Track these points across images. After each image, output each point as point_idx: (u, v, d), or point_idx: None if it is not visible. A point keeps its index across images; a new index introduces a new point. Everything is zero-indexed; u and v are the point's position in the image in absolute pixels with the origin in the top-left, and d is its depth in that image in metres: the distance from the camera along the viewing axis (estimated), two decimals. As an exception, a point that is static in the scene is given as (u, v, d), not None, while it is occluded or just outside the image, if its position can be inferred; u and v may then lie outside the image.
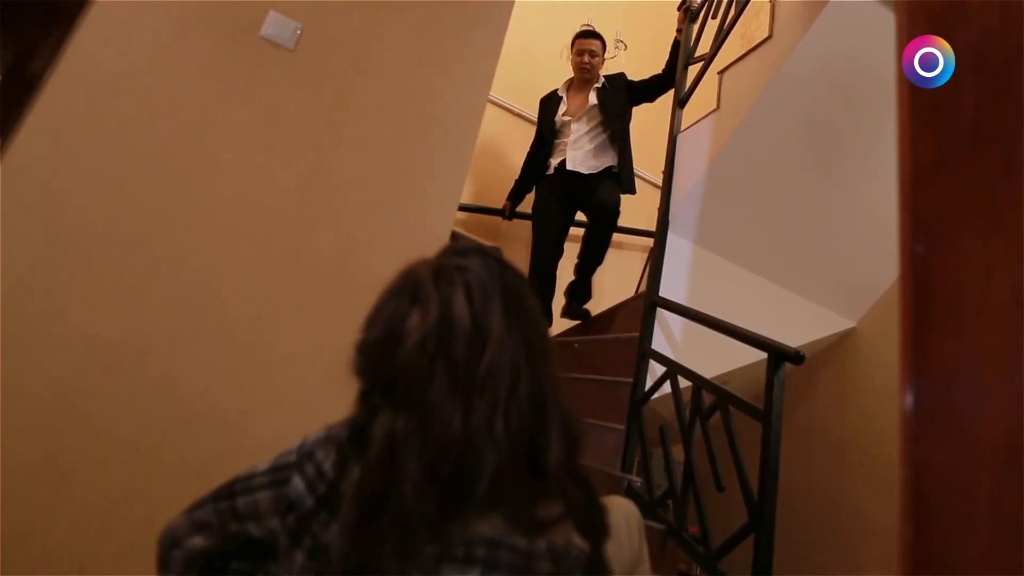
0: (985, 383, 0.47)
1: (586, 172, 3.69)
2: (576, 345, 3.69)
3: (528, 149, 4.04)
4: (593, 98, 3.82)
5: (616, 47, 4.94)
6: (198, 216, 2.05)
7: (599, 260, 3.83)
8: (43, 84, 1.90)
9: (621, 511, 1.57)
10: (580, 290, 3.91)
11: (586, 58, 3.88)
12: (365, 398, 0.86)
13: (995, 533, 0.44)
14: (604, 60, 4.01)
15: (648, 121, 4.85)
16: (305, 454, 0.91)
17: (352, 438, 0.87)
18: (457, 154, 2.33)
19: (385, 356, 0.83)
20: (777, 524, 2.14)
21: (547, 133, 3.88)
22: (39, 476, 1.76)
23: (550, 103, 3.97)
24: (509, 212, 4.04)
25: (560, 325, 4.02)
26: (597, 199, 3.66)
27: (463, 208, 4.02)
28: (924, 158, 0.55)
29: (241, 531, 0.92)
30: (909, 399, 0.50)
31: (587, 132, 3.77)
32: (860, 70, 3.02)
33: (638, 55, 5.01)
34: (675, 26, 4.05)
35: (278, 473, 0.91)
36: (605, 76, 3.93)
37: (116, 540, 1.79)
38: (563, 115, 3.84)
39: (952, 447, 0.48)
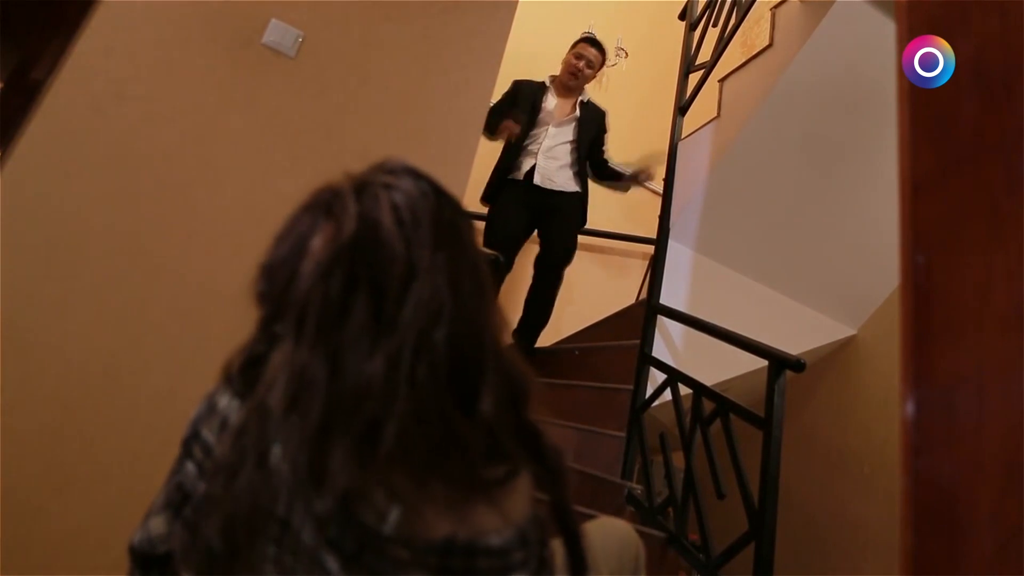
0: (986, 393, 0.47)
1: (553, 188, 3.45)
2: (576, 352, 3.69)
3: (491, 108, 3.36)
4: (578, 110, 3.62)
5: (617, 54, 4.96)
6: (199, 224, 2.05)
7: (548, 311, 3.54)
8: (45, 91, 1.91)
9: (617, 535, 1.45)
10: (536, 328, 3.57)
11: (582, 64, 3.63)
12: (265, 327, 0.75)
13: (996, 543, 0.44)
14: (596, 76, 3.79)
15: (649, 128, 4.86)
16: (192, 435, 0.82)
17: (243, 371, 0.76)
18: (459, 161, 2.33)
19: (290, 278, 0.71)
20: (778, 532, 2.14)
21: (525, 120, 3.47)
22: (38, 486, 1.76)
23: (531, 90, 3.62)
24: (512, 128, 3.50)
25: (558, 333, 4.01)
26: (566, 239, 3.47)
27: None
28: (925, 167, 0.56)
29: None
30: (910, 409, 0.50)
31: (566, 143, 3.53)
32: (860, 78, 3.03)
33: (638, 63, 5.03)
34: (676, 35, 4.06)
35: (174, 466, 0.84)
36: (590, 99, 3.72)
37: (115, 550, 1.78)
38: (548, 112, 3.56)
39: (953, 457, 0.48)
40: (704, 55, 3.63)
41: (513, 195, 3.45)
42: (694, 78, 3.66)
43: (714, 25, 3.59)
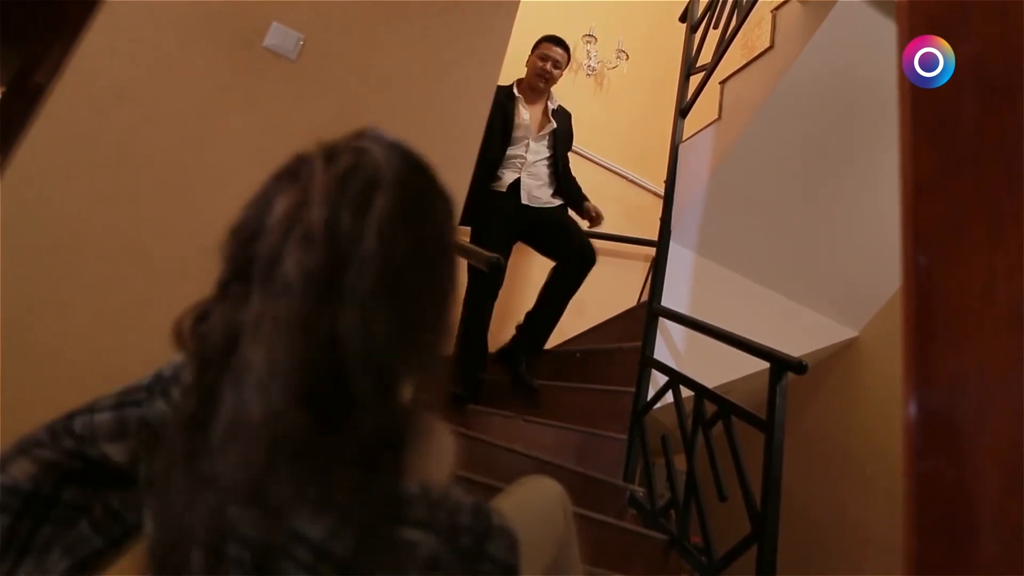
0: (988, 394, 0.47)
1: (540, 207, 3.41)
2: (578, 355, 3.69)
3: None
4: (554, 121, 3.53)
5: (618, 56, 4.96)
6: (200, 225, 2.05)
7: (559, 314, 3.44)
8: (48, 94, 1.91)
9: (547, 493, 1.42)
10: (531, 346, 3.43)
11: (548, 65, 3.49)
12: (221, 287, 0.73)
13: (999, 544, 0.44)
14: (561, 76, 3.63)
15: (649, 131, 4.87)
16: (169, 378, 0.83)
17: (194, 329, 0.75)
18: (461, 163, 2.33)
19: (251, 238, 0.70)
20: (780, 534, 2.14)
21: (497, 133, 3.35)
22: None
23: (501, 100, 3.37)
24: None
25: (559, 335, 4.00)
26: (577, 245, 3.39)
27: (465, 217, 4.02)
28: (926, 167, 0.55)
29: (77, 450, 0.83)
30: (912, 410, 0.50)
31: (544, 159, 3.48)
32: (861, 80, 3.03)
33: (638, 65, 5.03)
34: (677, 37, 4.06)
35: (125, 397, 0.84)
36: (559, 104, 3.64)
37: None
38: (523, 125, 3.46)
39: (955, 458, 0.48)
40: (705, 57, 3.63)
41: (496, 207, 3.34)
42: (695, 80, 3.67)
43: (715, 27, 3.59)
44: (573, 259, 3.38)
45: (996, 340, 0.47)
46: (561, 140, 3.54)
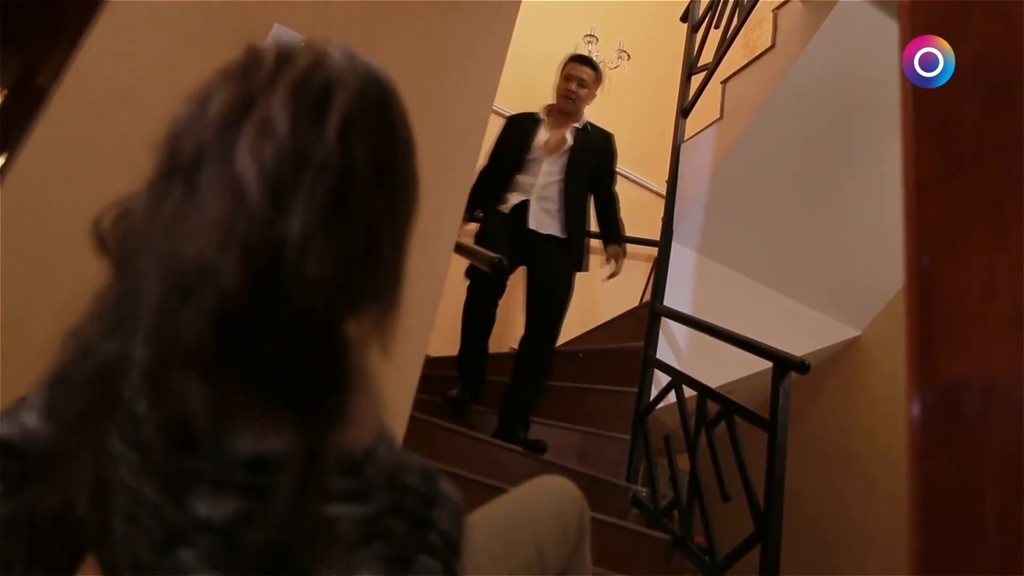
0: (992, 394, 0.47)
1: (545, 232, 3.16)
2: (580, 355, 3.69)
3: (482, 170, 3.25)
4: (570, 138, 3.26)
5: (619, 57, 4.97)
6: (203, 228, 2.05)
7: (547, 364, 3.17)
8: (50, 97, 1.91)
9: (551, 493, 1.25)
10: (519, 413, 3.07)
11: (574, 86, 3.31)
12: (149, 185, 0.65)
13: (1005, 545, 0.44)
14: (594, 96, 3.44)
15: (651, 131, 4.87)
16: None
17: (114, 225, 0.68)
18: (462, 164, 2.33)
19: (183, 134, 0.62)
20: (783, 534, 2.14)
21: (509, 159, 3.26)
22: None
23: (523, 126, 3.36)
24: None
25: (562, 335, 4.00)
26: (547, 307, 3.13)
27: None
28: (927, 167, 0.55)
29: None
30: (916, 410, 0.50)
31: (557, 182, 3.20)
32: (862, 79, 3.03)
33: (640, 65, 5.04)
34: (678, 37, 4.06)
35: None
36: (590, 122, 3.38)
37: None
38: (539, 147, 3.26)
39: (959, 459, 0.48)
40: (706, 57, 3.63)
41: (499, 228, 3.16)
42: (696, 80, 3.67)
43: (716, 27, 3.59)
44: (532, 322, 3.15)
45: (999, 340, 0.47)
46: (580, 158, 3.23)
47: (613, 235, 3.35)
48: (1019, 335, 0.45)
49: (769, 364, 2.37)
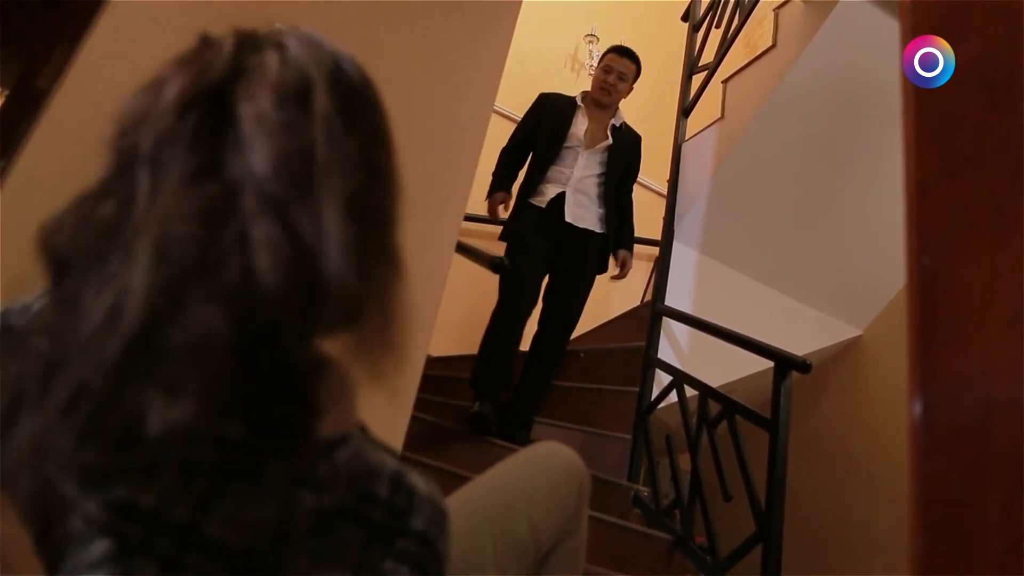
0: (993, 394, 0.47)
1: (582, 227, 3.09)
2: (582, 355, 3.69)
3: (506, 149, 3.29)
4: (610, 136, 3.18)
5: (620, 57, 4.96)
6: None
7: (555, 369, 3.17)
8: (50, 99, 1.91)
9: (558, 456, 1.18)
10: (522, 413, 3.03)
11: (612, 78, 3.18)
12: (101, 183, 0.62)
13: (1005, 545, 0.44)
14: (630, 90, 3.32)
15: (652, 130, 4.86)
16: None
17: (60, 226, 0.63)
18: (462, 165, 2.33)
19: (135, 127, 0.58)
20: (785, 534, 2.14)
21: (544, 143, 3.16)
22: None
23: (559, 109, 3.23)
24: (499, 212, 3.25)
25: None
26: (567, 307, 3.08)
27: (469, 218, 4.02)
28: (929, 167, 0.55)
29: None
30: (917, 410, 0.50)
31: (595, 176, 3.14)
32: (864, 79, 3.03)
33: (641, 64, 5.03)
34: (679, 37, 4.06)
35: None
36: (625, 121, 3.30)
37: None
38: (577, 137, 3.15)
39: (961, 458, 0.48)
40: (707, 56, 3.64)
41: (532, 223, 3.06)
42: (697, 79, 3.67)
43: (717, 26, 3.60)
44: (550, 321, 3.09)
45: (1001, 340, 0.47)
46: (617, 158, 3.18)
47: (627, 239, 3.27)
48: (1020, 335, 0.45)
49: (770, 364, 2.38)
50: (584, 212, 3.08)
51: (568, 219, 3.03)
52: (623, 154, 3.21)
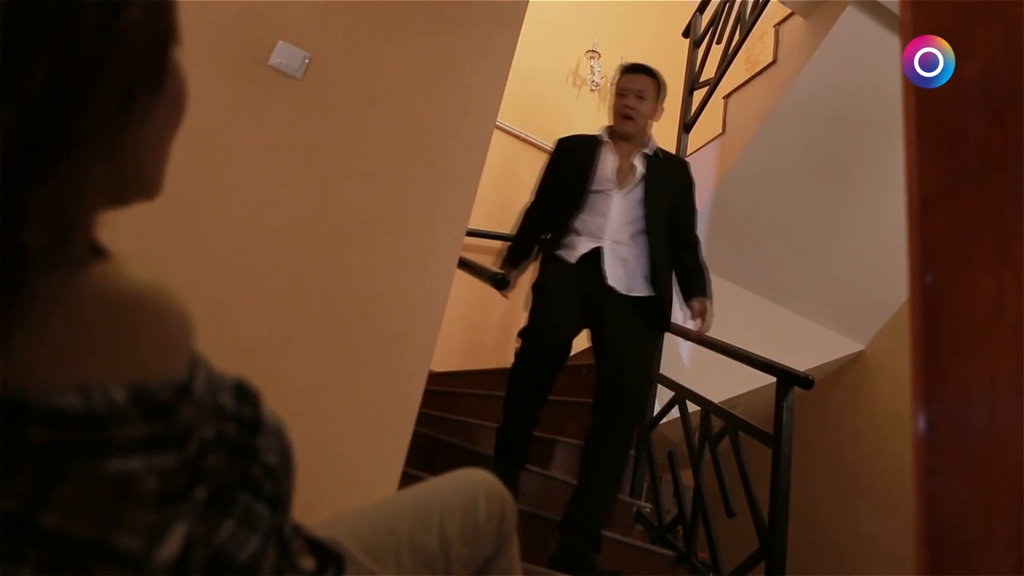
0: (998, 409, 0.47)
1: (626, 294, 2.47)
2: (584, 370, 3.68)
3: (527, 209, 2.79)
4: (640, 165, 2.61)
5: (621, 72, 4.98)
6: (206, 243, 2.06)
7: (621, 463, 2.40)
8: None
9: (477, 480, 1.09)
10: (588, 523, 2.25)
11: (630, 100, 2.69)
12: None
13: (1014, 561, 0.44)
14: (660, 112, 2.83)
15: (654, 146, 4.87)
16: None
17: None
18: (465, 181, 2.34)
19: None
20: (789, 549, 2.12)
21: (567, 192, 2.61)
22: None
23: (581, 149, 2.71)
24: (510, 280, 2.67)
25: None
26: (618, 367, 2.39)
27: (471, 234, 4.03)
28: (932, 181, 0.55)
29: None
30: (922, 426, 0.50)
31: (636, 221, 2.55)
32: (864, 94, 3.04)
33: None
34: (680, 53, 4.08)
35: None
36: (660, 147, 2.78)
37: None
38: (606, 177, 2.60)
39: (966, 474, 0.48)
40: (708, 72, 3.65)
41: (563, 277, 2.49)
42: (698, 95, 3.68)
43: (718, 42, 3.61)
44: (608, 411, 2.36)
45: (1005, 355, 0.47)
46: (656, 193, 2.59)
47: (699, 286, 2.65)
48: (1025, 349, 0.45)
49: (773, 379, 2.37)
50: (626, 272, 2.49)
51: (610, 282, 2.45)
52: (664, 183, 2.65)
